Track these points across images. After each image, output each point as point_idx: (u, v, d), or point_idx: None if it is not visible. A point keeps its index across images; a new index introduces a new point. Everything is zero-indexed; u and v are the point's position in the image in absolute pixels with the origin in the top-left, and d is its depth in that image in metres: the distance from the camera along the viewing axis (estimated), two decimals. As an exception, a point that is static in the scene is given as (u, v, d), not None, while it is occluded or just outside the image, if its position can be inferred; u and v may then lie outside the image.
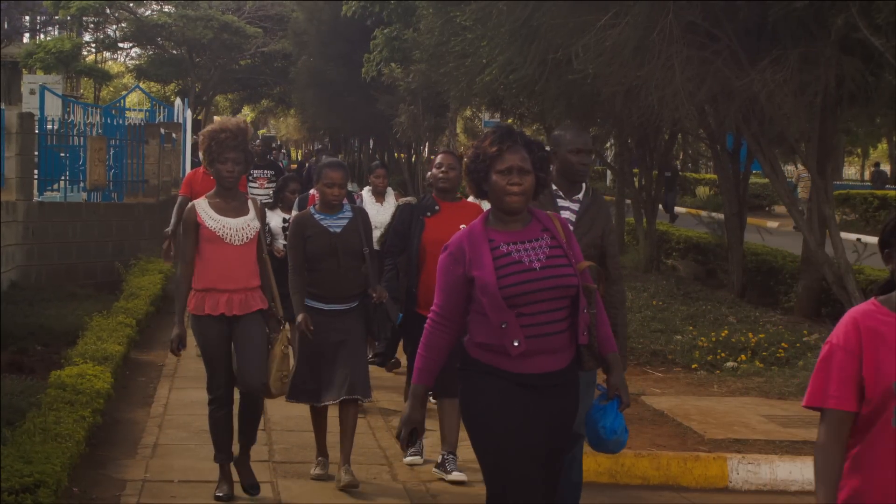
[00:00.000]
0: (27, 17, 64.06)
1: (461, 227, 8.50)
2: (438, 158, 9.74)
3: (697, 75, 13.36)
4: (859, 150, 64.21)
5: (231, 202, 8.51)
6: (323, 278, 8.90)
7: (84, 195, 20.64)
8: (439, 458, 9.36)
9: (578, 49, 13.54)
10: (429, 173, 9.82)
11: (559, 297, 5.70)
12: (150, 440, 10.31)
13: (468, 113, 49.16)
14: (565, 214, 7.18)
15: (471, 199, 12.15)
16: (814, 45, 12.90)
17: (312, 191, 11.45)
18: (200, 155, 8.64)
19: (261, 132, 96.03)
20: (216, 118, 9.99)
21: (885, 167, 58.99)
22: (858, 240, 17.72)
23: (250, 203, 8.63)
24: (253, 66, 65.82)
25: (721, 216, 21.00)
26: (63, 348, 12.79)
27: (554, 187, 7.26)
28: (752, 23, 13.39)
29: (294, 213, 11.34)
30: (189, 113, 33.98)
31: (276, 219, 12.51)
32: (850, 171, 76.86)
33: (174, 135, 28.27)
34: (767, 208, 42.53)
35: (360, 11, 34.09)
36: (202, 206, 8.48)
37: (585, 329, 5.77)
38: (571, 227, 6.77)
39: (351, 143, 67.08)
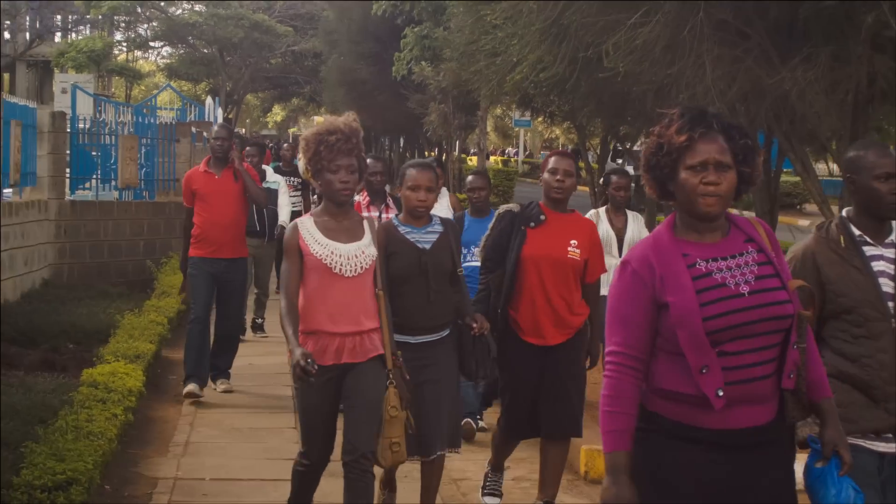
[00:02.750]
0: (59, 17, 64.27)
1: (571, 243, 8.09)
2: (552, 162, 8.26)
3: (728, 73, 13.32)
4: (891, 148, 63.97)
5: (343, 222, 6.96)
6: (409, 304, 7.48)
7: (115, 194, 20.70)
8: None
9: (609, 47, 13.51)
10: (541, 177, 8.34)
11: (771, 330, 4.49)
12: (181, 438, 10.36)
13: (498, 111, 49.24)
14: (879, 267, 5.52)
15: (594, 212, 11.66)
16: (845, 43, 12.84)
17: (358, 198, 10.28)
18: (301, 164, 7.27)
19: (291, 131, 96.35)
20: (318, 119, 9.26)
21: (918, 165, 58.69)
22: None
23: (366, 224, 7.09)
24: (283, 65, 65.99)
25: (752, 214, 20.93)
26: (95, 346, 12.85)
27: (856, 231, 5.59)
28: (783, 21, 13.34)
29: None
30: (220, 112, 34.13)
31: None
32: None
33: (205, 133, 28.33)
34: (799, 207, 42.37)
35: (391, 10, 34.09)
36: (306, 226, 6.90)
37: (793, 370, 4.55)
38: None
39: (381, 141, 67.11)
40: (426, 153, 55.30)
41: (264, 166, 15.53)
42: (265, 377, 12.97)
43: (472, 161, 49.69)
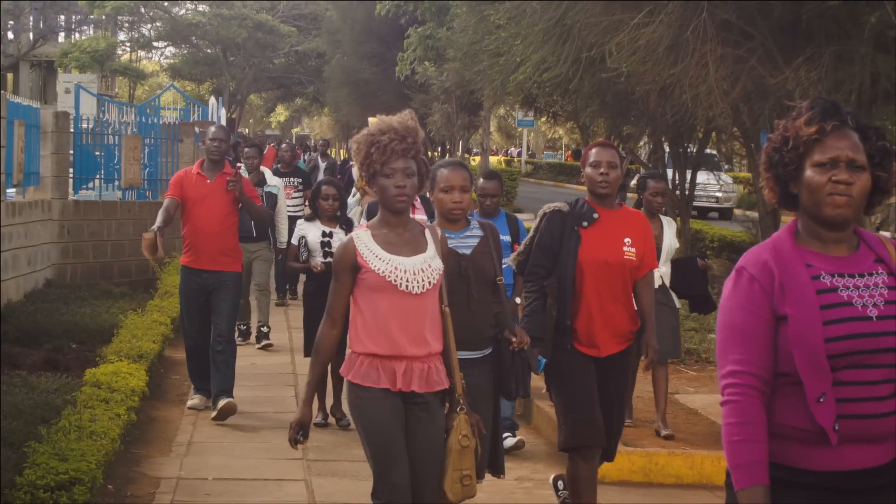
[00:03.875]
0: (62, 17, 64.33)
1: (625, 241, 7.58)
2: (594, 154, 7.62)
3: (731, 73, 13.32)
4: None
5: (403, 233, 6.14)
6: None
7: (119, 193, 20.72)
8: None
9: (612, 47, 13.52)
10: (582, 172, 7.74)
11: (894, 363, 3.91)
12: (184, 438, 10.36)
13: (502, 111, 49.20)
14: None
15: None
16: (848, 43, 12.84)
17: None
18: (354, 170, 6.35)
19: (294, 131, 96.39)
20: (371, 119, 8.64)
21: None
22: (894, 238, 17.65)
23: (428, 234, 6.26)
24: (287, 65, 66.09)
25: (755, 214, 20.92)
26: (98, 346, 12.85)
27: None
28: (786, 21, 13.35)
29: (363, 222, 9.85)
30: (223, 112, 34.11)
31: (313, 232, 10.97)
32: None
33: (199, 129, 28.33)
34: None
35: (394, 10, 34.14)
36: (364, 240, 6.08)
37: None
38: None
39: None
40: (429, 153, 55.34)
41: (263, 168, 15.16)
42: (268, 377, 12.97)
43: (475, 161, 49.67)
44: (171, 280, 17.13)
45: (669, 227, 10.71)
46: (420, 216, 9.92)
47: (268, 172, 15.32)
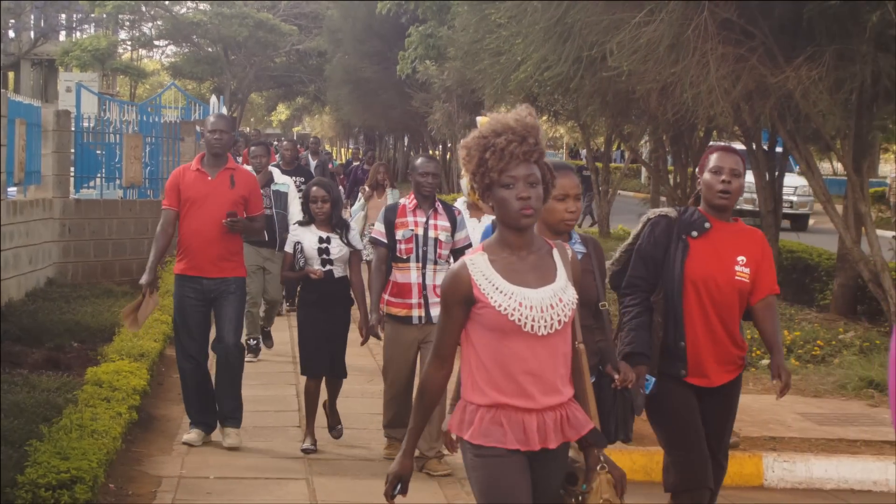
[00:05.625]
0: (63, 15, 64.39)
1: (738, 260, 6.61)
2: (715, 159, 6.66)
3: (732, 72, 13.32)
4: (895, 148, 63.88)
5: (528, 256, 4.98)
6: None
7: (120, 192, 20.72)
8: None
9: (613, 46, 13.52)
10: (698, 179, 6.81)
11: None
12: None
13: (503, 110, 49.06)
14: None
15: None
16: (849, 42, 12.84)
17: (404, 200, 9.51)
18: (464, 183, 5.14)
19: (295, 129, 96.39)
20: (481, 119, 7.52)
21: (922, 164, 58.60)
22: (895, 237, 17.64)
23: (556, 255, 5.08)
24: (288, 64, 66.15)
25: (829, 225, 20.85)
26: (99, 345, 12.85)
27: None
28: (787, 20, 13.35)
29: (375, 226, 9.57)
30: (224, 110, 34.09)
31: (308, 238, 9.94)
32: (886, 168, 76.42)
33: (199, 128, 28.31)
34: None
35: (395, 9, 34.15)
36: (480, 267, 4.93)
37: None
38: None
39: (386, 140, 67.09)
40: (430, 152, 55.43)
41: (271, 167, 14.44)
42: (269, 375, 12.96)
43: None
44: (171, 280, 17.14)
45: None
46: (443, 222, 9.39)
47: (276, 171, 14.44)
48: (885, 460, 9.70)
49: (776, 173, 19.29)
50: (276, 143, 37.57)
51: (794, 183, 31.25)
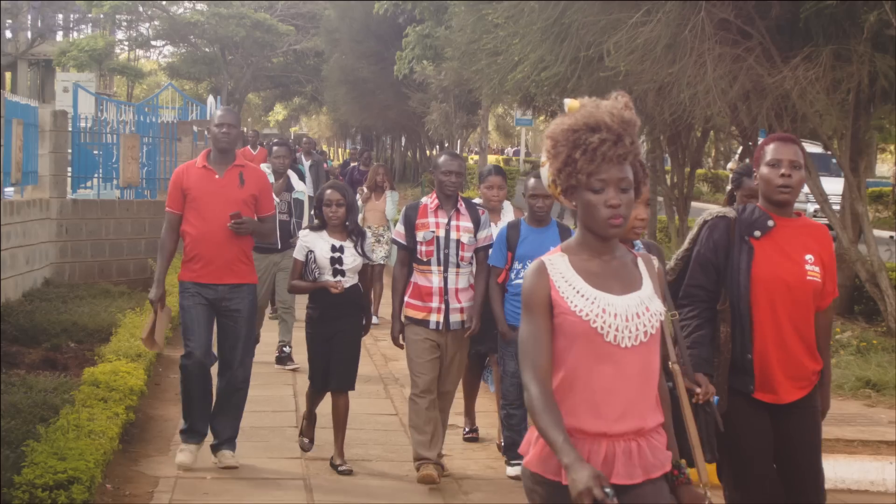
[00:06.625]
0: (60, 16, 64.37)
1: (807, 258, 6.01)
2: (772, 151, 6.02)
3: (729, 72, 13.33)
4: (892, 148, 63.91)
5: (611, 261, 4.43)
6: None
7: (117, 192, 20.73)
8: None
9: (610, 46, 13.53)
10: (755, 173, 6.15)
11: None
12: (182, 437, 10.34)
13: (500, 110, 49.17)
14: None
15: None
16: (846, 42, 12.85)
17: (425, 199, 9.08)
18: (545, 174, 4.48)
19: (293, 130, 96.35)
20: (569, 102, 6.98)
21: (919, 164, 58.66)
22: (892, 237, 17.64)
23: (641, 264, 4.54)
24: (285, 64, 66.15)
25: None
26: (96, 345, 12.85)
27: None
28: (785, 20, 13.36)
29: (396, 227, 9.16)
30: (221, 110, 33.96)
31: (320, 245, 9.25)
32: (883, 168, 76.49)
33: (206, 132, 28.28)
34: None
35: (392, 9, 34.21)
36: (559, 268, 4.38)
37: None
38: None
39: (383, 140, 67.11)
40: (428, 152, 55.48)
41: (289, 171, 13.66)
42: (266, 376, 12.94)
43: (472, 159, 49.66)
44: (169, 279, 17.10)
45: None
46: (465, 223, 8.95)
47: (294, 177, 13.70)
48: (883, 460, 9.68)
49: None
50: (266, 142, 37.51)
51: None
